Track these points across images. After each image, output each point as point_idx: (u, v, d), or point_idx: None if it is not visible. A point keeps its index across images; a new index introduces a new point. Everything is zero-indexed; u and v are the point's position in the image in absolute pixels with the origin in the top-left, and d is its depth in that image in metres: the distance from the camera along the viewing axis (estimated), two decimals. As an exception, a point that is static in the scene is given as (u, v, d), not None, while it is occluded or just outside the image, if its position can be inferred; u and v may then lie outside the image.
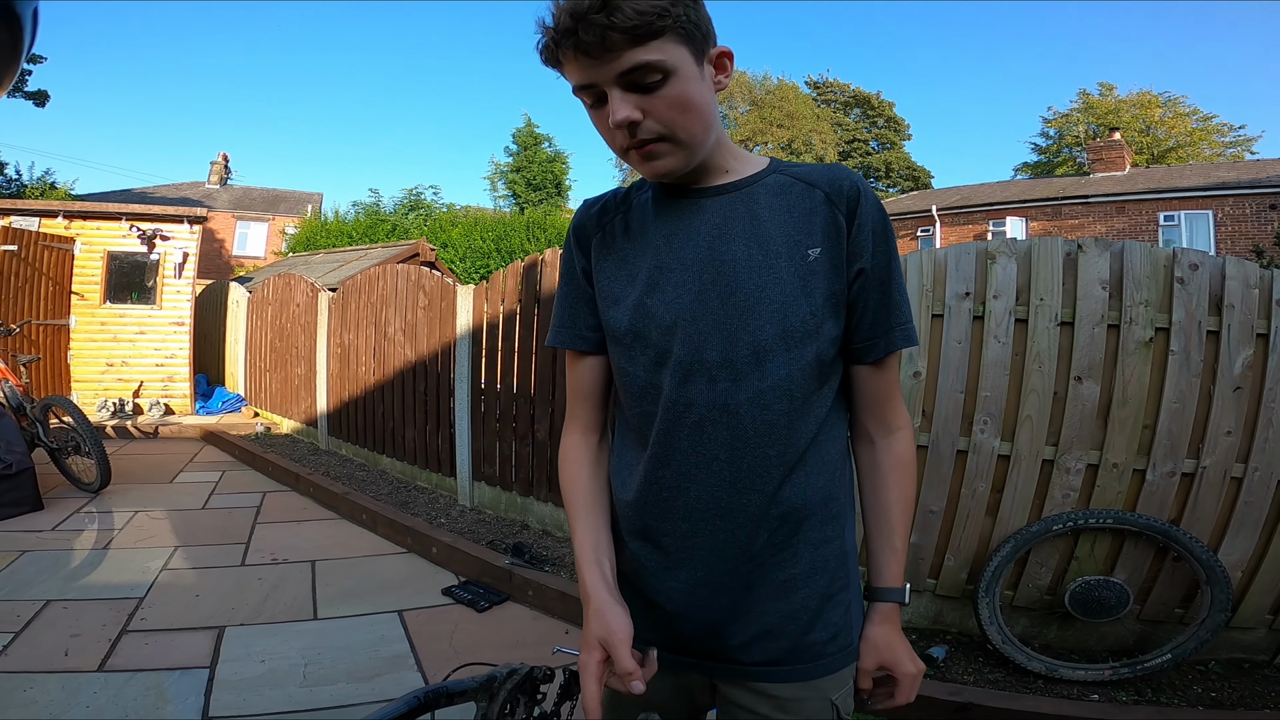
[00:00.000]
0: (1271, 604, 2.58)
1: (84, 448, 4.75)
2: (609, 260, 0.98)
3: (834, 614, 0.94)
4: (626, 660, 0.86)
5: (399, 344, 5.35)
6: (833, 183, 0.91)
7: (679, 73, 0.81)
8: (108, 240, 8.02)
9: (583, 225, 1.02)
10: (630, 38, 0.78)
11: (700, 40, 0.83)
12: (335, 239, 16.34)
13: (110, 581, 3.35)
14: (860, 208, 0.89)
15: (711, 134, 0.88)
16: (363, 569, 3.68)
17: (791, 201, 0.91)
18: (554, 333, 1.05)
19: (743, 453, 0.89)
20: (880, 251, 0.90)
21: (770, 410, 0.88)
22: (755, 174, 0.94)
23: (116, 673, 2.49)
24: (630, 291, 0.94)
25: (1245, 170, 16.78)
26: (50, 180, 19.92)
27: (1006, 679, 2.53)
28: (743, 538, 0.90)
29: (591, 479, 1.03)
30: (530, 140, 24.73)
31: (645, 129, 0.83)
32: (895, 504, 0.96)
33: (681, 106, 0.83)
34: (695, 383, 0.89)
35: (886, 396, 0.96)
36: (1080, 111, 28.46)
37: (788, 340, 0.87)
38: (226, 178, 28.13)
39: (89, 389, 7.87)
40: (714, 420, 0.89)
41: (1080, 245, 2.61)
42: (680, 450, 0.91)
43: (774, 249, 0.89)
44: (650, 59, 0.79)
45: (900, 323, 0.92)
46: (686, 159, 0.87)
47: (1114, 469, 2.58)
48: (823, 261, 0.89)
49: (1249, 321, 2.48)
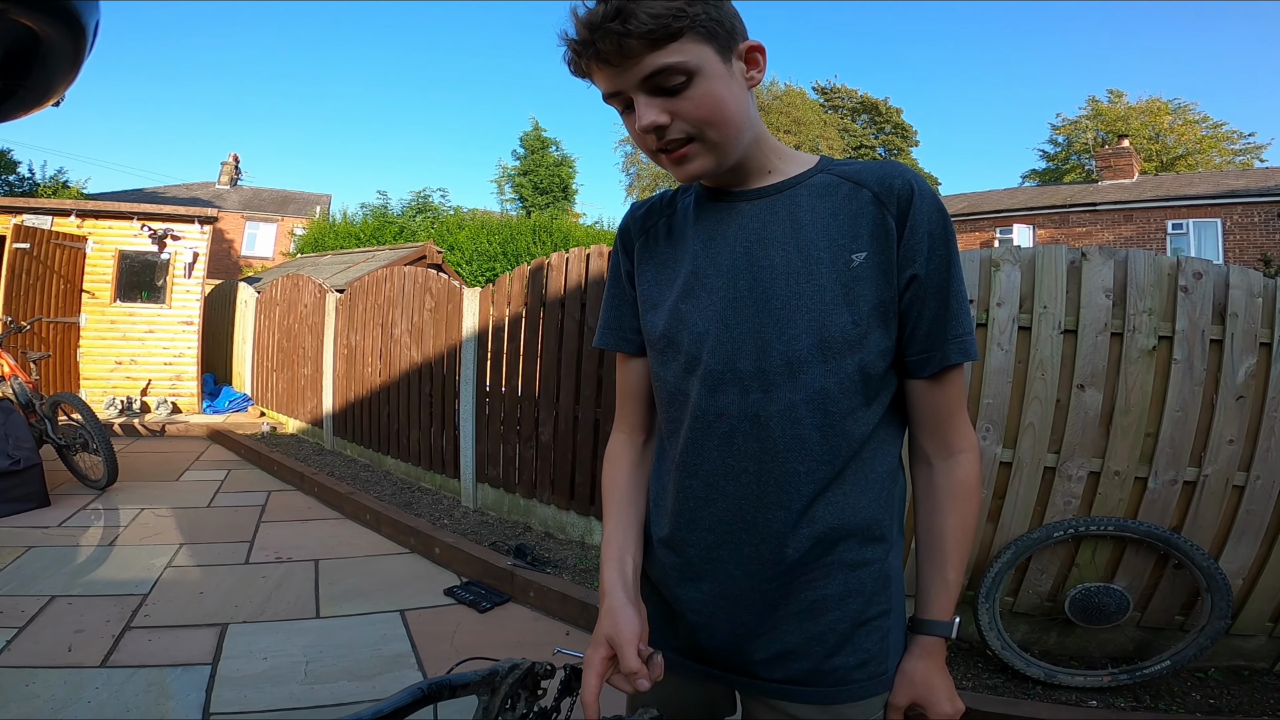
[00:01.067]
0: (1272, 611, 2.58)
1: (91, 445, 4.79)
2: (650, 264, 0.97)
3: (867, 640, 0.89)
4: (631, 660, 0.86)
5: (405, 345, 5.38)
6: (882, 181, 0.85)
7: (703, 72, 0.79)
8: (119, 239, 8.09)
9: (628, 229, 1.01)
10: (648, 43, 0.76)
11: (724, 37, 0.81)
12: (343, 240, 16.42)
13: (115, 578, 3.37)
14: (914, 208, 0.83)
15: (745, 132, 0.85)
16: (366, 568, 3.70)
17: (837, 203, 0.86)
18: (600, 334, 1.05)
19: (771, 466, 0.85)
20: (938, 256, 0.84)
21: (802, 424, 0.84)
22: (800, 174, 0.89)
23: (119, 669, 2.51)
24: (667, 296, 0.93)
25: (1254, 178, 16.72)
26: (63, 179, 20.11)
27: (1005, 685, 2.53)
28: (768, 553, 0.87)
29: (630, 478, 1.02)
30: (537, 144, 24.82)
31: (674, 131, 0.81)
32: (951, 531, 0.89)
33: (709, 106, 0.80)
34: (727, 392, 0.86)
35: (947, 415, 0.89)
36: (1089, 118, 28.42)
37: (825, 351, 0.83)
38: (237, 178, 28.32)
39: (98, 386, 7.93)
40: (744, 431, 0.86)
41: (1084, 253, 2.62)
42: (709, 460, 0.88)
43: (814, 254, 0.84)
44: (671, 61, 0.77)
45: (957, 334, 0.85)
46: (719, 159, 0.84)
47: (1116, 476, 2.58)
48: (869, 267, 0.83)
49: (1252, 330, 2.48)
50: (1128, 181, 18.30)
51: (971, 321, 0.87)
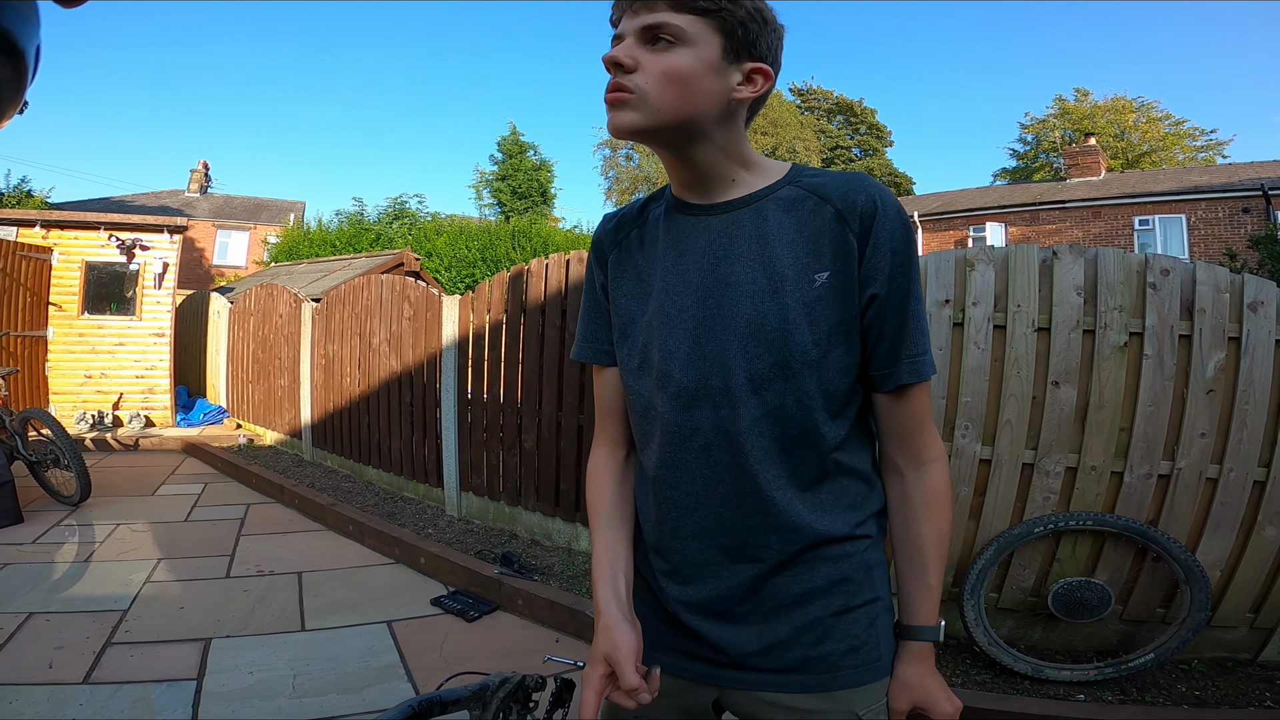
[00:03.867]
0: (1251, 603, 2.64)
1: (63, 460, 4.69)
2: (624, 277, 0.97)
3: (854, 626, 0.91)
4: (631, 677, 0.87)
5: (384, 355, 5.33)
6: (846, 197, 0.85)
7: (690, 46, 0.81)
8: (86, 250, 7.92)
9: (600, 241, 1.02)
10: (670, 3, 0.80)
11: (739, 41, 0.82)
12: (318, 248, 16.24)
13: (93, 594, 3.31)
14: (876, 225, 0.83)
15: (695, 122, 0.84)
16: (350, 580, 3.66)
17: (802, 218, 0.86)
18: (577, 347, 1.05)
19: (745, 475, 0.87)
20: (898, 274, 0.84)
21: (765, 436, 0.86)
22: (768, 186, 0.89)
23: (103, 685, 2.47)
24: (642, 312, 0.94)
25: (1217, 174, 17.15)
26: (27, 188, 19.61)
27: (994, 680, 2.56)
28: (751, 554, 0.89)
29: (615, 493, 1.03)
30: (516, 148, 24.73)
31: (627, 79, 0.82)
32: (928, 539, 0.91)
33: (671, 76, 0.81)
34: (700, 408, 0.88)
35: (914, 427, 0.91)
36: (1057, 117, 28.93)
37: (785, 370, 0.84)
38: (207, 186, 27.88)
39: (67, 401, 7.76)
40: (719, 445, 0.88)
41: (1055, 252, 2.67)
42: (687, 473, 0.90)
43: (779, 272, 0.85)
44: (670, 21, 0.80)
45: (911, 354, 0.86)
46: (647, 122, 0.82)
47: (1092, 471, 2.63)
48: (831, 287, 0.84)
49: (1220, 325, 2.55)
50: (1095, 179, 18.66)
51: (927, 339, 0.89)
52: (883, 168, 33.49)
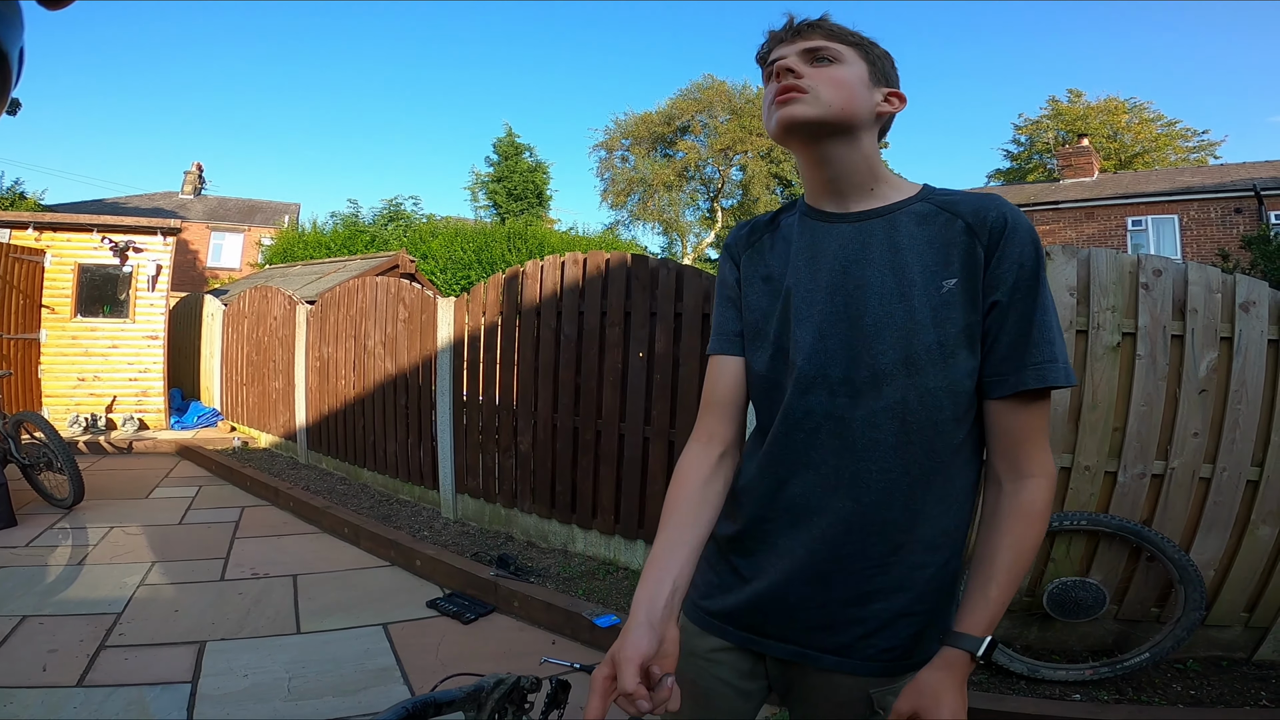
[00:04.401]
0: (1246, 601, 2.65)
1: (56, 463, 4.67)
2: (756, 276, 1.06)
3: (905, 631, 0.94)
4: (627, 680, 0.85)
5: (379, 357, 5.32)
6: (977, 212, 0.91)
7: (847, 64, 0.95)
8: (79, 252, 7.89)
9: (734, 243, 1.11)
10: (825, 34, 0.95)
11: (878, 71, 0.97)
12: (313, 250, 16.17)
13: (87, 597, 3.29)
14: (1005, 239, 0.89)
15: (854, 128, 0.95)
16: (346, 582, 3.65)
17: (933, 231, 0.93)
18: (713, 341, 1.11)
19: (847, 462, 0.93)
20: (1024, 286, 0.89)
21: (879, 430, 0.91)
22: (901, 200, 0.97)
23: (97, 688, 2.46)
24: (775, 307, 1.02)
25: (1210, 175, 17.24)
26: (20, 190, 19.54)
27: (990, 680, 2.57)
28: (834, 539, 0.94)
29: (695, 493, 1.02)
30: (511, 150, 24.69)
31: (798, 81, 0.93)
32: (1004, 551, 0.89)
33: (837, 82, 0.93)
34: (816, 394, 0.95)
35: (1021, 438, 0.91)
36: (1050, 118, 28.99)
37: (910, 367, 0.90)
38: (201, 188, 27.77)
39: (60, 404, 7.73)
40: (827, 429, 0.94)
41: (1048, 253, 2.68)
42: (793, 451, 0.97)
43: (909, 277, 0.91)
44: (829, 45, 0.95)
45: (1036, 361, 0.88)
46: (817, 115, 0.92)
47: (1086, 471, 2.64)
48: (958, 293, 0.90)
49: (1212, 325, 2.56)
50: (1088, 180, 18.74)
51: (1061, 349, 0.89)
52: (877, 169, 33.55)
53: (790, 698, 1.06)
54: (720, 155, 28.62)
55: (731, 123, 27.96)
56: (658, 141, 30.24)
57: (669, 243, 30.73)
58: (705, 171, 29.93)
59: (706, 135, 28.90)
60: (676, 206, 30.06)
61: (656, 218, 30.06)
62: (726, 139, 27.96)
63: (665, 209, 29.83)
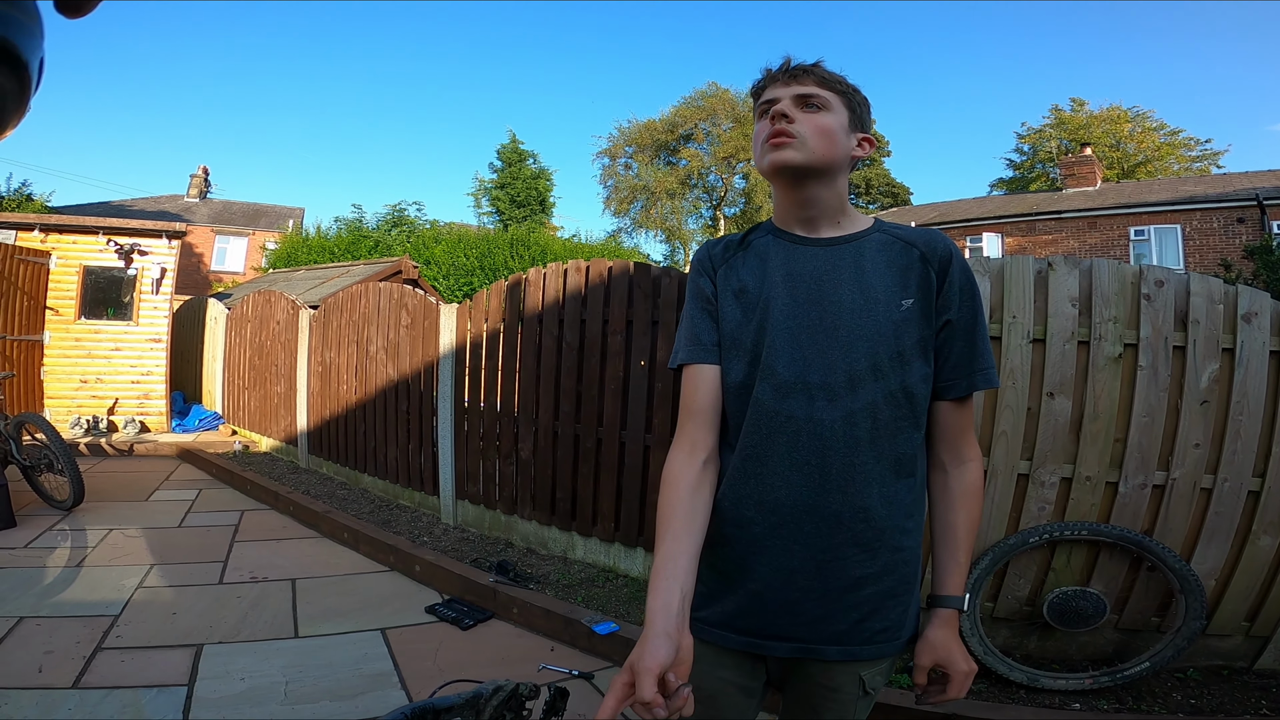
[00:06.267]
0: (1247, 611, 2.64)
1: (57, 465, 4.68)
2: (729, 290, 1.16)
3: (893, 611, 1.09)
4: (646, 690, 0.87)
5: (381, 362, 5.33)
6: (928, 244, 1.09)
7: (834, 112, 1.09)
8: (84, 254, 7.91)
9: (709, 258, 1.20)
10: (818, 81, 1.09)
11: (857, 116, 1.12)
12: (317, 255, 16.20)
13: (84, 599, 3.29)
14: (950, 269, 1.07)
15: (833, 175, 1.10)
16: (344, 587, 3.65)
17: (892, 257, 1.09)
18: (686, 351, 1.16)
19: (831, 460, 1.04)
20: (966, 306, 1.08)
21: (857, 427, 1.04)
22: (862, 231, 1.12)
23: (92, 690, 2.46)
24: (751, 319, 1.11)
25: (1213, 184, 17.22)
26: (27, 192, 19.62)
27: (990, 689, 2.56)
28: (825, 532, 1.04)
29: (688, 501, 1.06)
30: (515, 157, 24.76)
31: (791, 127, 1.07)
32: (962, 525, 1.10)
33: (823, 130, 1.08)
34: (795, 398, 1.06)
35: (961, 430, 1.11)
36: (1053, 127, 29.03)
37: (877, 372, 1.04)
38: (206, 191, 27.87)
39: (62, 406, 7.74)
40: (809, 431, 1.05)
41: (1050, 263, 2.68)
42: (778, 454, 1.06)
43: (874, 296, 1.06)
44: (819, 93, 1.08)
45: (983, 367, 1.09)
46: (804, 161, 1.07)
47: (1087, 482, 2.63)
48: (914, 310, 1.06)
49: (1214, 336, 2.56)
50: (1091, 189, 18.75)
51: (993, 357, 1.11)
52: (880, 178, 33.62)
53: (786, 685, 1.17)
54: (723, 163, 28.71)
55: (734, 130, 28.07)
56: (661, 149, 30.34)
57: (671, 250, 30.79)
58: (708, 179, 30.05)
59: (710, 143, 29.00)
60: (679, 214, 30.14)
61: (659, 225, 30.13)
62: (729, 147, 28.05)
63: (668, 217, 29.91)
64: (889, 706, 2.35)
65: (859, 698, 1.11)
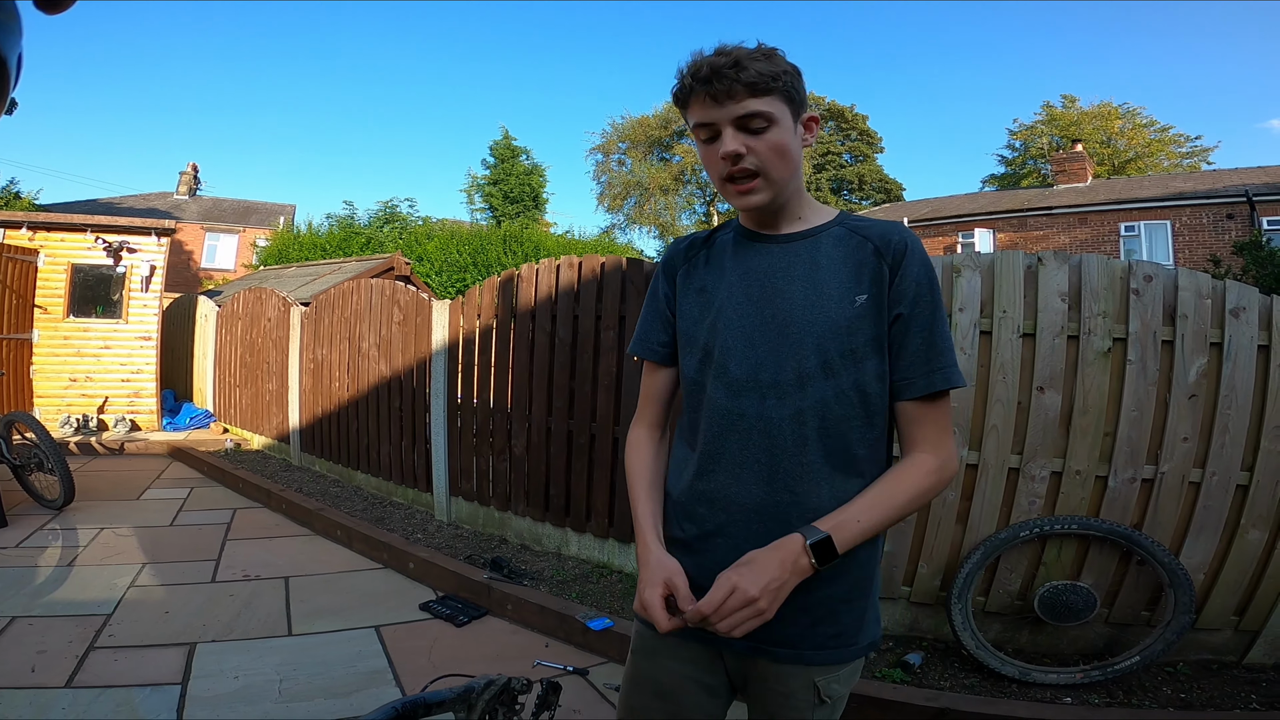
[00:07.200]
0: (1236, 605, 2.67)
1: (47, 464, 4.65)
2: (691, 289, 1.16)
3: (846, 616, 1.06)
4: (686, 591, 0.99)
5: (374, 359, 5.31)
6: (883, 237, 1.06)
7: (780, 124, 1.01)
8: (72, 252, 7.85)
9: (672, 259, 1.21)
10: (750, 90, 0.98)
11: (798, 105, 1.04)
12: (308, 252, 16.14)
13: (76, 598, 3.28)
14: (905, 262, 1.03)
15: (794, 180, 1.06)
16: (338, 585, 3.64)
17: (848, 252, 1.06)
18: (636, 343, 1.24)
19: (779, 459, 1.03)
20: (923, 301, 1.03)
21: (805, 426, 1.02)
22: (822, 224, 1.10)
23: (85, 689, 2.44)
24: (707, 316, 1.12)
25: (1202, 181, 17.32)
26: (15, 190, 19.44)
27: (982, 684, 2.58)
28: (774, 530, 1.00)
29: (653, 465, 1.20)
30: (508, 153, 24.69)
31: (746, 163, 1.01)
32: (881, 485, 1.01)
33: (778, 151, 1.02)
34: (748, 397, 1.05)
35: (925, 432, 1.04)
36: (1044, 124, 29.12)
37: (827, 369, 1.02)
38: (196, 188, 27.67)
39: (52, 404, 7.69)
40: (759, 430, 1.04)
41: (1040, 258, 2.70)
42: (729, 452, 1.06)
43: (827, 292, 1.04)
44: (761, 109, 0.99)
45: (942, 366, 1.02)
46: (773, 195, 1.05)
47: (1077, 476, 2.65)
48: (868, 306, 1.03)
49: (1202, 331, 2.58)
50: (1081, 185, 18.82)
51: (954, 355, 1.04)
52: (873, 174, 33.66)
53: (746, 691, 1.15)
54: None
55: (728, 127, 28.05)
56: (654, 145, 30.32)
57: (664, 246, 30.81)
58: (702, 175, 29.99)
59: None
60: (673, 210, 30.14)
61: (653, 221, 30.13)
62: (724, 144, 28.03)
63: (661, 212, 29.91)
64: (885, 702, 2.37)
65: (815, 705, 1.07)
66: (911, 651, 2.75)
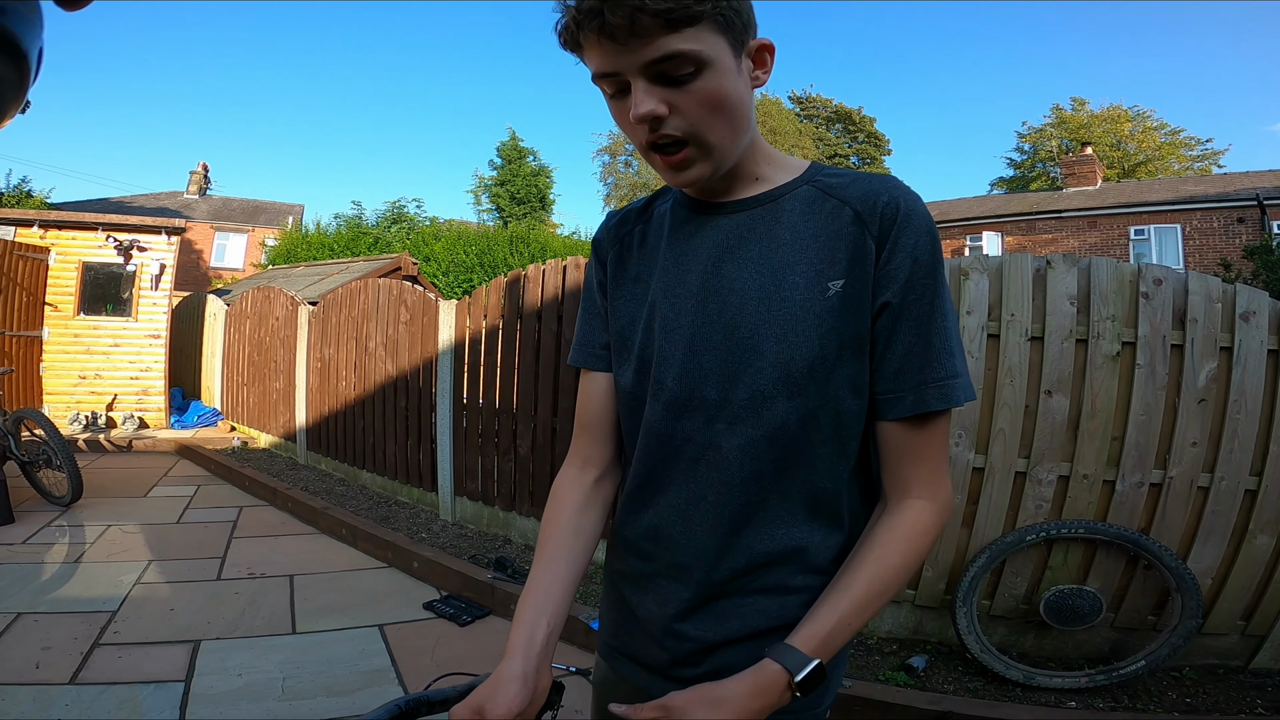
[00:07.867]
0: (1243, 610, 2.64)
1: (55, 461, 4.68)
2: (624, 277, 0.90)
3: None
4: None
5: (380, 359, 5.33)
6: (867, 197, 0.76)
7: (714, 65, 0.70)
8: (83, 250, 7.92)
9: (601, 239, 0.94)
10: (664, 22, 0.67)
11: (740, 30, 0.72)
12: (316, 251, 16.23)
13: (82, 595, 3.30)
14: (897, 228, 0.74)
15: (744, 137, 0.77)
16: (342, 583, 3.65)
17: (820, 221, 0.78)
18: (574, 351, 0.97)
19: (729, 498, 0.79)
20: (917, 284, 0.74)
21: (761, 460, 0.78)
22: (786, 184, 0.81)
23: (89, 685, 2.46)
24: (640, 314, 0.87)
25: (1213, 184, 17.21)
26: (26, 188, 19.60)
27: (986, 687, 2.56)
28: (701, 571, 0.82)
29: (571, 523, 0.90)
30: (514, 154, 24.77)
31: (670, 126, 0.72)
32: (865, 567, 0.76)
33: (713, 104, 0.72)
34: (691, 419, 0.81)
35: (915, 459, 0.77)
36: (1054, 126, 29.01)
37: (790, 387, 0.76)
38: (206, 188, 27.85)
39: (61, 401, 7.75)
40: (707, 460, 0.80)
41: (1049, 261, 2.68)
42: (675, 483, 0.83)
43: (789, 279, 0.76)
44: (683, 48, 0.68)
45: (939, 377, 0.74)
46: (715, 165, 0.76)
47: (1084, 480, 2.63)
48: (844, 297, 0.75)
49: (1212, 335, 2.56)
50: (1091, 188, 18.74)
51: (962, 360, 0.76)
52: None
53: None
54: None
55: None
56: (661, 146, 30.28)
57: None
58: (708, 176, 30.01)
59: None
60: (679, 212, 30.11)
61: (659, 223, 30.10)
62: (730, 145, 27.99)
63: (668, 214, 29.88)
64: (887, 705, 2.36)
65: None
66: (915, 655, 2.74)
